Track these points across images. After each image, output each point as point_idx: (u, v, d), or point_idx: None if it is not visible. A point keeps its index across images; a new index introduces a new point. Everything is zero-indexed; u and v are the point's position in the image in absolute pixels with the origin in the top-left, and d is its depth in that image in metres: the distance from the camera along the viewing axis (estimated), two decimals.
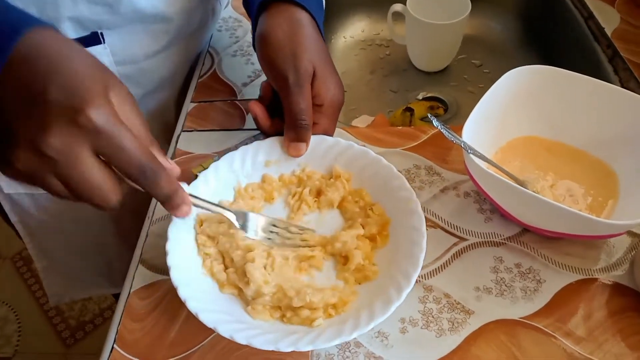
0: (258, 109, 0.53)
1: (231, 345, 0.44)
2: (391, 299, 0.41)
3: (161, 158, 0.38)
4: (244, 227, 0.46)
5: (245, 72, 0.70)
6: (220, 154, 0.59)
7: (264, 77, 0.68)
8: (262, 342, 0.39)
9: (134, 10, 0.58)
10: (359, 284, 0.46)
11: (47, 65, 0.32)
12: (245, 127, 0.63)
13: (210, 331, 0.45)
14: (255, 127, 0.62)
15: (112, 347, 0.44)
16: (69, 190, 0.33)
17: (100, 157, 0.34)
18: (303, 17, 0.52)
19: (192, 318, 0.45)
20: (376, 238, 0.48)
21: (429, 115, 0.48)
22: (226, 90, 0.67)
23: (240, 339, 0.39)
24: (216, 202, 0.46)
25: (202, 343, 0.44)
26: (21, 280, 1.64)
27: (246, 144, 0.60)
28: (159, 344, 0.44)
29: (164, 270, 0.49)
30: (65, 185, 0.33)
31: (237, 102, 0.66)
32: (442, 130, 0.46)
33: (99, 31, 0.59)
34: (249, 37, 0.75)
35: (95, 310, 1.54)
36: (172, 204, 0.39)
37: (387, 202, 0.49)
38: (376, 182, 0.50)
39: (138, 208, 0.74)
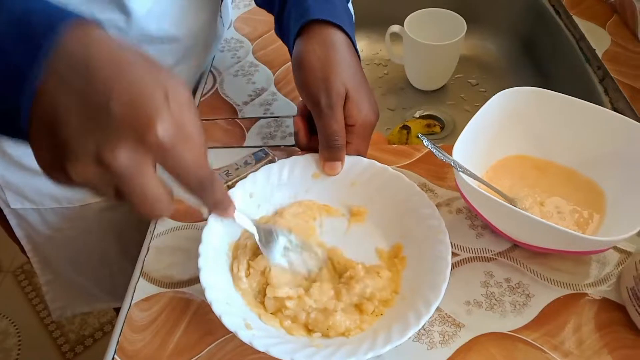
0: (301, 125, 0.55)
1: (228, 357, 0.45)
2: (409, 324, 0.42)
3: None
4: (267, 247, 0.47)
5: (246, 91, 0.72)
6: (221, 171, 0.61)
7: (264, 96, 0.71)
8: (279, 352, 0.40)
9: (142, 34, 0.61)
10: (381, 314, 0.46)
11: (104, 72, 0.30)
12: (245, 145, 0.65)
13: (208, 342, 0.46)
14: (253, 144, 0.64)
15: (113, 358, 0.46)
16: (126, 200, 0.33)
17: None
18: (337, 38, 0.53)
19: (191, 330, 0.47)
20: (395, 263, 0.49)
21: (419, 135, 0.50)
22: (227, 109, 0.70)
23: (259, 345, 0.40)
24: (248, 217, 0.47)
25: (200, 354, 0.46)
26: (22, 294, 1.64)
27: (245, 161, 0.62)
28: (159, 354, 0.46)
29: (164, 283, 0.51)
30: (124, 196, 0.32)
31: (237, 120, 0.68)
32: (432, 150, 0.48)
33: None
34: (250, 58, 0.78)
35: (95, 325, 1.55)
36: (222, 208, 0.40)
37: (416, 228, 0.49)
38: (407, 209, 0.51)
39: (140, 223, 0.76)
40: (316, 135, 0.54)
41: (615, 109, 0.69)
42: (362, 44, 1.02)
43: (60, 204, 0.72)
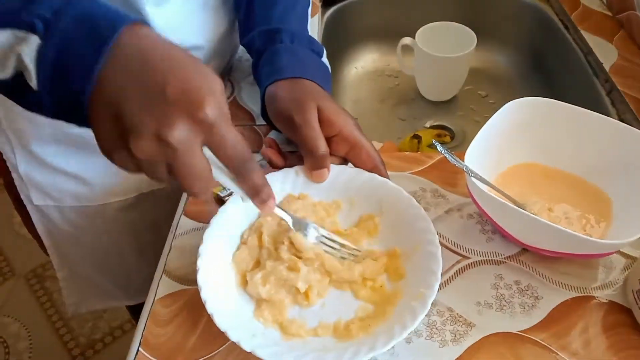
0: (269, 152, 0.58)
1: (247, 352, 0.47)
2: (394, 334, 0.43)
3: None
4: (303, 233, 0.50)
5: None
6: None
7: None
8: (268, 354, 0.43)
9: None
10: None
11: (159, 64, 0.35)
12: (262, 150, 0.67)
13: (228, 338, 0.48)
14: None
15: (138, 350, 0.48)
16: (176, 176, 0.37)
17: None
18: (305, 81, 0.57)
19: (211, 325, 0.49)
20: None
21: (433, 141, 0.52)
22: (245, 116, 0.72)
23: (246, 347, 0.43)
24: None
25: (220, 349, 0.48)
26: (34, 298, 1.67)
27: (260, 164, 0.64)
28: (181, 348, 0.48)
29: (186, 280, 0.53)
30: (175, 173, 0.37)
31: (255, 127, 0.70)
32: (445, 155, 0.50)
33: None
34: None
35: (105, 329, 1.57)
36: (262, 197, 0.43)
37: (410, 239, 0.51)
38: (403, 221, 0.52)
39: (157, 223, 0.79)
40: (287, 153, 0.57)
41: (622, 120, 0.71)
42: (373, 56, 1.04)
43: (80, 202, 0.74)
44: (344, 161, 0.56)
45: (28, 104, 0.39)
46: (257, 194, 0.43)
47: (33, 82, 0.37)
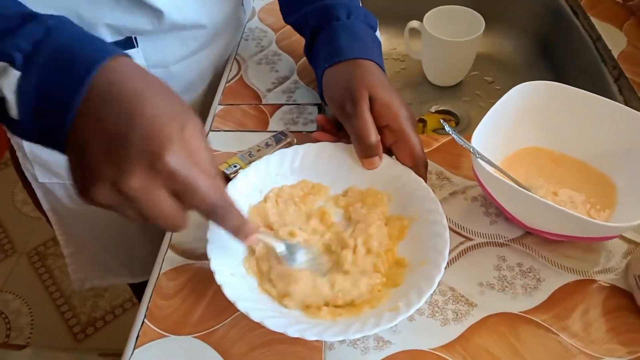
0: (321, 136, 0.58)
1: (251, 325, 0.47)
2: (399, 312, 0.44)
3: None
4: (290, 258, 0.49)
5: (270, 78, 0.74)
6: (244, 152, 0.63)
7: (287, 84, 0.73)
8: (274, 324, 0.43)
9: (172, 23, 0.63)
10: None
11: (128, 108, 0.34)
12: (267, 130, 0.67)
13: (233, 310, 0.48)
14: (276, 129, 0.66)
15: (143, 322, 0.48)
16: (143, 218, 0.37)
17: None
18: (364, 61, 0.56)
19: (216, 299, 0.50)
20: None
21: (441, 120, 0.52)
22: (251, 95, 0.72)
23: (255, 317, 0.44)
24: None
25: (225, 322, 0.48)
26: (36, 275, 1.68)
27: (266, 143, 0.64)
28: (186, 320, 0.48)
29: (191, 255, 0.54)
30: (143, 216, 0.37)
31: (261, 106, 0.70)
32: (452, 135, 0.50)
33: (133, 36, 0.63)
34: (273, 47, 0.80)
35: (106, 307, 1.58)
36: (241, 236, 0.42)
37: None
38: (412, 204, 0.52)
39: None
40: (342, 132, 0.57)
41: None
42: (380, 39, 1.03)
43: None
44: (389, 151, 0.56)
45: (9, 127, 0.39)
46: (237, 233, 0.42)
47: (13, 112, 0.36)
